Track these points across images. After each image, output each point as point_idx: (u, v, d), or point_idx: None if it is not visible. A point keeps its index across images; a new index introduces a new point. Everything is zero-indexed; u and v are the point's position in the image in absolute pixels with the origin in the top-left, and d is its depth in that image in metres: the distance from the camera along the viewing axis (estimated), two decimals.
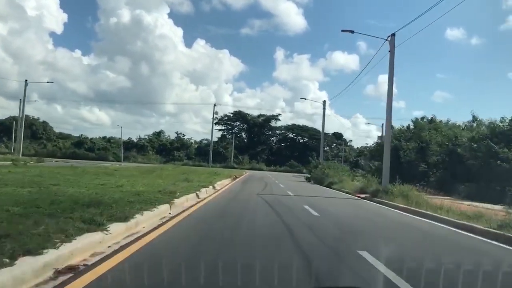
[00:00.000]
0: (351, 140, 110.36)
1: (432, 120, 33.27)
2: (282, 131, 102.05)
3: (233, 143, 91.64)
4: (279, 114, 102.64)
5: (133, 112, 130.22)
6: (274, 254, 5.79)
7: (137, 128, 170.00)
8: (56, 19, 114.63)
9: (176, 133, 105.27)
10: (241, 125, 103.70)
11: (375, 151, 35.48)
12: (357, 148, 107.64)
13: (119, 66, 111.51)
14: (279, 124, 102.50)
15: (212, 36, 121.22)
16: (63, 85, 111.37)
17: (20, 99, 49.52)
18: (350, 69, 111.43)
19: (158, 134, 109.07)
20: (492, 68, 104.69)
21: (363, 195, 19.54)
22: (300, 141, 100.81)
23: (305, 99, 43.87)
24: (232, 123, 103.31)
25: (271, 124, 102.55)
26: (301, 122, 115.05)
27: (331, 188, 27.44)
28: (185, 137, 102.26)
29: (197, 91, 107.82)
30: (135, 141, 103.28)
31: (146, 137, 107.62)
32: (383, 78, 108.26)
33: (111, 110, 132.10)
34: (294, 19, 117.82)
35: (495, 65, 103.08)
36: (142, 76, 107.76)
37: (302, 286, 4.24)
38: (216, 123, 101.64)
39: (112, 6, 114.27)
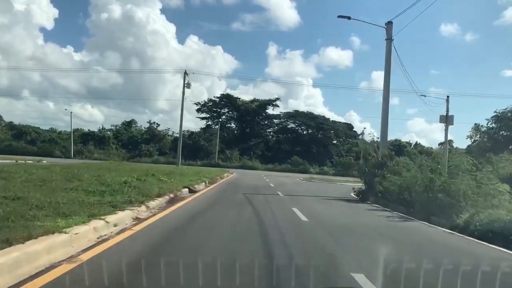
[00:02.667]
0: (363, 133, 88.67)
1: None
2: (282, 120, 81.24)
3: (218, 135, 70.86)
4: (277, 99, 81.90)
5: (126, 109, 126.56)
6: None
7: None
8: (47, 14, 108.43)
9: (148, 122, 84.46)
10: (230, 112, 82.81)
11: None
12: (372, 141, 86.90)
13: (111, 62, 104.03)
14: (277, 111, 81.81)
15: (205, 32, 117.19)
16: (54, 81, 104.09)
17: None
18: (344, 65, 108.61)
19: (129, 124, 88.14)
20: (487, 64, 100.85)
21: None
22: (304, 132, 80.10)
23: (345, 18, 22.29)
24: (219, 110, 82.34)
25: (267, 111, 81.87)
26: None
27: None
28: (159, 128, 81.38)
29: (190, 88, 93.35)
30: (98, 132, 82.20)
31: (113, 127, 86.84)
32: (377, 75, 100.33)
33: (104, 106, 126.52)
34: (287, 13, 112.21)
35: (490, 61, 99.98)
36: (135, 72, 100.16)
37: None
38: (198, 110, 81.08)
39: (104, 2, 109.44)
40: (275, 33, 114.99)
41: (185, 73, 43.22)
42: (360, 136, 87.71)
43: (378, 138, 17.17)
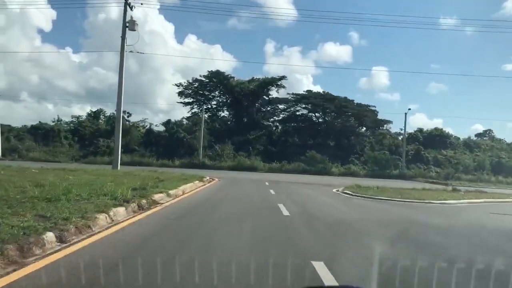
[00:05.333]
0: (391, 122, 68.44)
1: None
2: (290, 104, 61.88)
3: (203, 124, 51.73)
4: (283, 77, 62.60)
5: (125, 109, 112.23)
6: None
7: None
8: (45, 16, 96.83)
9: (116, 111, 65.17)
10: (222, 96, 63.64)
11: None
12: (409, 132, 66.74)
13: (109, 62, 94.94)
14: (283, 94, 62.56)
15: (204, 31, 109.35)
16: (52, 82, 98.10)
17: None
18: (343, 60, 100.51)
19: (95, 115, 69.30)
20: (486, 58, 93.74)
21: None
22: (320, 120, 60.83)
23: None
24: (207, 93, 63.12)
25: (270, 93, 62.70)
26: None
27: None
28: (132, 118, 62.56)
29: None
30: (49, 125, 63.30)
31: (74, 119, 68.17)
32: (376, 70, 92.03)
33: (103, 107, 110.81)
34: (284, 9, 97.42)
35: (490, 55, 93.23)
36: (133, 72, 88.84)
37: None
38: (180, 94, 62.03)
39: (102, 2, 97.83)
40: (273, 29, 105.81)
41: (126, 3, 24.06)
42: (386, 125, 68.65)
43: None
